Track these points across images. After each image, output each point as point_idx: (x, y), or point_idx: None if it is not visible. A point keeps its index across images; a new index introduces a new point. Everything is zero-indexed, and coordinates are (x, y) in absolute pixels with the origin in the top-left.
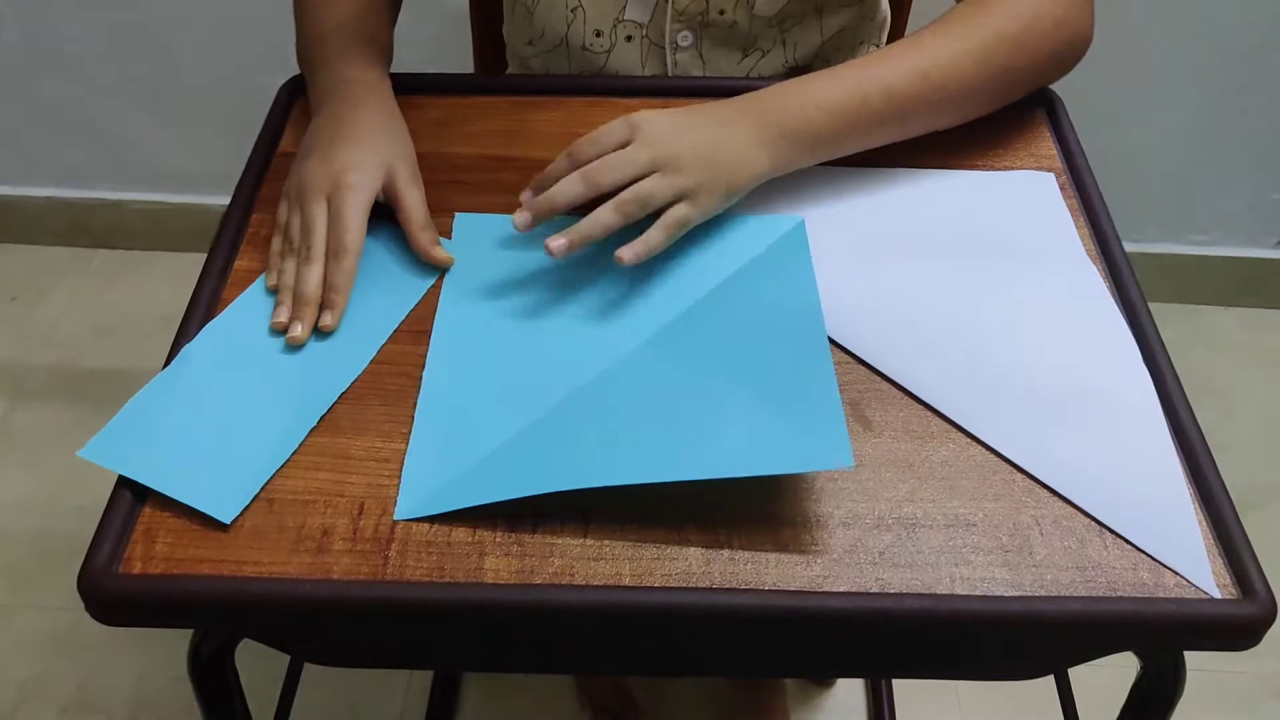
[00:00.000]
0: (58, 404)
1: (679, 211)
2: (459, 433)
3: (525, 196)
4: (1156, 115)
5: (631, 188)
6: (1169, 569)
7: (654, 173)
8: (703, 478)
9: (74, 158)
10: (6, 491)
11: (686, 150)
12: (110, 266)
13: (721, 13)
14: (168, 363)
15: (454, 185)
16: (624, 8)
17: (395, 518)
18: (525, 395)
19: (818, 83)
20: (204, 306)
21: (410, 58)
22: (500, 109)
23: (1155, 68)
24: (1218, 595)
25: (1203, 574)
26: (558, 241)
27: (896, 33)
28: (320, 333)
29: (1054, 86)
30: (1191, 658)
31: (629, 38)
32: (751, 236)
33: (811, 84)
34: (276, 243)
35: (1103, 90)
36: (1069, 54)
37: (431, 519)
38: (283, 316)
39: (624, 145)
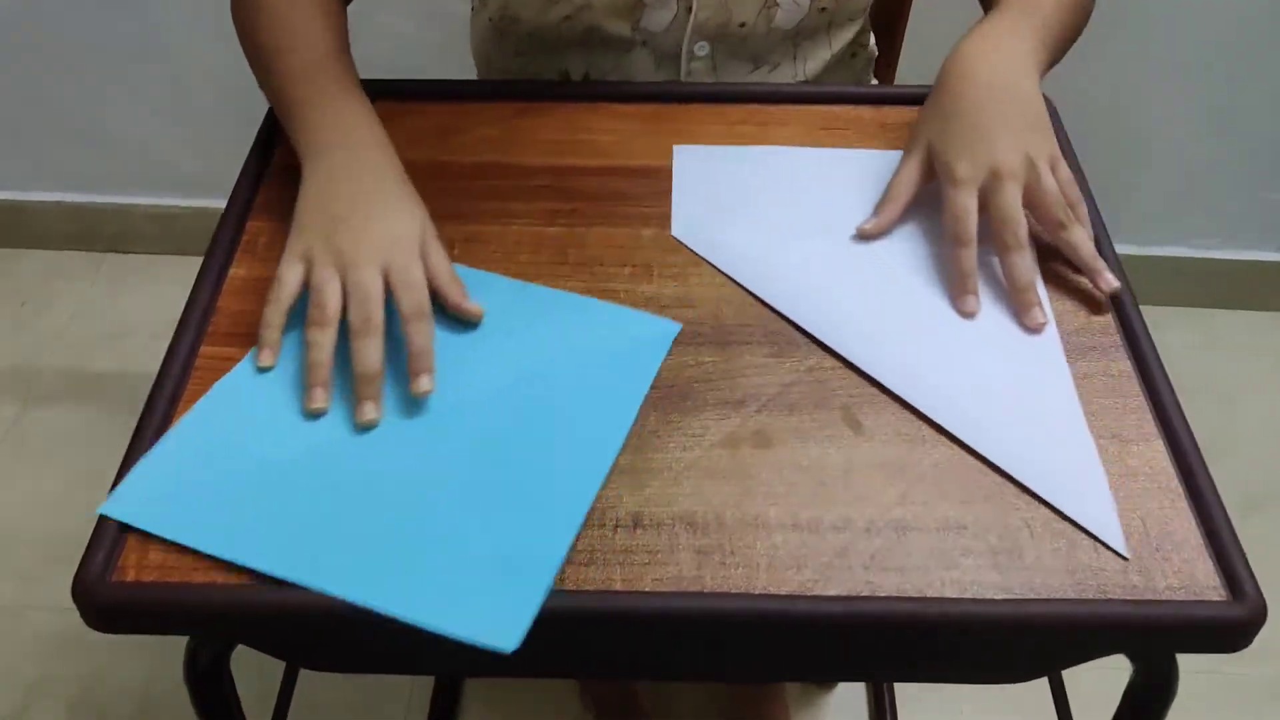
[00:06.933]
0: (68, 407)
1: (1058, 174)
2: (211, 450)
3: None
4: (1162, 118)
5: (1038, 193)
6: (1084, 530)
7: (1015, 178)
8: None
9: (83, 162)
10: (16, 494)
11: (1020, 126)
12: (120, 270)
13: (742, 25)
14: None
15: (451, 192)
16: (640, 17)
17: (98, 511)
18: (289, 440)
19: (1003, 24)
20: (200, 312)
21: (412, 64)
22: (499, 115)
23: (1160, 71)
24: (1126, 554)
25: (1112, 531)
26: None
27: (894, 50)
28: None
29: (1061, 87)
30: (1195, 661)
31: (644, 43)
32: (619, 330)
33: (998, 26)
34: (276, 312)
35: (1108, 93)
36: None
37: None
38: (320, 401)
39: (984, 199)
